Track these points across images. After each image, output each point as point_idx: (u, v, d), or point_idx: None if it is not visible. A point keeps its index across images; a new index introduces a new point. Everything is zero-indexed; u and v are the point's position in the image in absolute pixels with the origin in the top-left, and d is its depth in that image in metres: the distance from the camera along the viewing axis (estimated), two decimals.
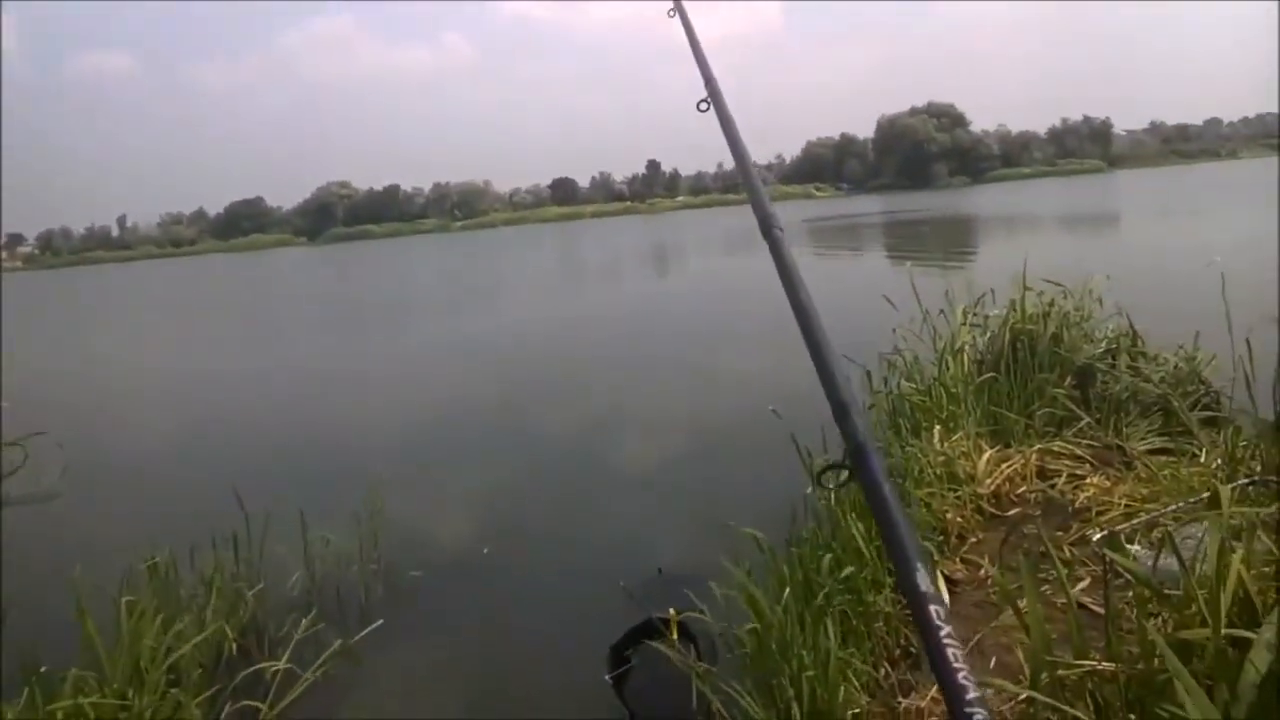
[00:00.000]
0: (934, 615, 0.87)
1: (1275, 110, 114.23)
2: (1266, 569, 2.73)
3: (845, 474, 1.14)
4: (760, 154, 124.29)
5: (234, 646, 4.23)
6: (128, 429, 11.01)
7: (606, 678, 3.48)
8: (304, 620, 4.23)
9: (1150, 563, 3.33)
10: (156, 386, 14.62)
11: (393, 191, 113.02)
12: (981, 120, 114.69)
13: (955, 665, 0.83)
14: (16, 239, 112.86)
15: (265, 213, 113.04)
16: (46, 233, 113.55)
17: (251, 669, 3.99)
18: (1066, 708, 2.36)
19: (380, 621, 4.38)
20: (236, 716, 3.63)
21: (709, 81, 2.17)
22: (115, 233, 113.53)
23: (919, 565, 0.92)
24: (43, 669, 3.13)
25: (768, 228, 1.58)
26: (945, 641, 0.85)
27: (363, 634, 4.25)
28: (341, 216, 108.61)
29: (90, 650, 3.29)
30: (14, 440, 8.97)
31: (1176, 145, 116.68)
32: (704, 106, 2.11)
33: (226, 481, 5.58)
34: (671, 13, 2.81)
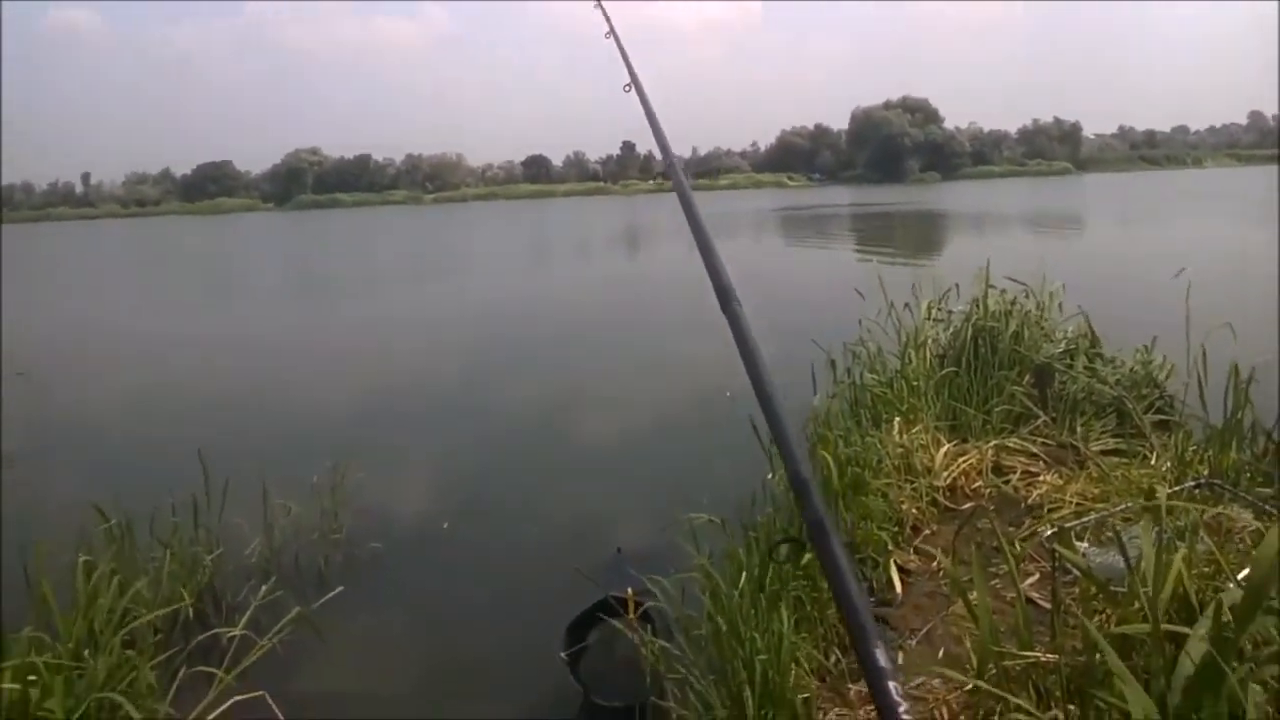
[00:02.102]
0: (893, 691, 0.90)
1: (1243, 121, 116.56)
2: (1207, 569, 2.83)
3: (795, 547, 1.19)
4: (735, 141, 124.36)
5: (191, 611, 4.21)
6: (88, 389, 10.83)
7: (561, 655, 3.51)
8: (262, 587, 4.23)
9: (1097, 559, 3.43)
10: (118, 348, 14.37)
11: (364, 161, 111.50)
12: (954, 117, 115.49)
13: None
14: None
15: (233, 176, 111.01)
16: (8, 186, 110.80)
17: (208, 634, 3.98)
18: (1010, 696, 2.43)
19: (340, 589, 4.38)
20: (192, 681, 3.62)
21: (665, 152, 2.21)
22: (79, 190, 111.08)
23: (878, 642, 0.95)
24: None
25: (726, 300, 1.56)
26: (903, 718, 0.88)
27: (321, 601, 4.24)
28: (310, 184, 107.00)
29: (45, 611, 3.26)
30: None
31: (1144, 151, 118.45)
32: (658, 179, 2.15)
33: (186, 446, 5.53)
34: (607, 35, 2.88)
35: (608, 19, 2.98)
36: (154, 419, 9.03)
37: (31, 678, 2.96)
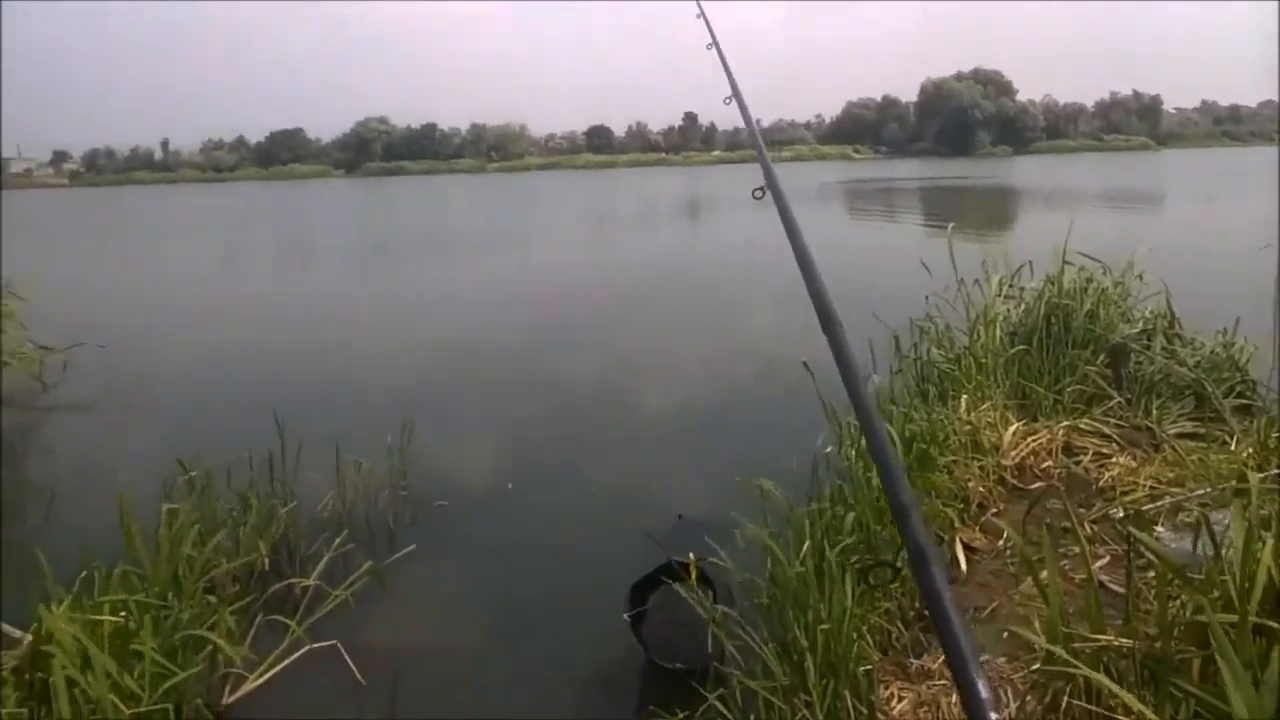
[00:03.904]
0: None
1: None
2: None
3: (895, 571, 1.19)
4: (800, 113, 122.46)
5: (266, 562, 4.36)
6: (169, 347, 11.20)
7: (625, 616, 3.56)
8: (335, 541, 4.37)
9: (1173, 545, 3.36)
10: (198, 307, 14.83)
11: (430, 130, 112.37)
12: (1029, 90, 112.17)
13: None
14: (62, 156, 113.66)
15: (304, 144, 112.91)
16: (92, 151, 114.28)
17: (282, 584, 4.13)
18: (1090, 672, 2.40)
19: (411, 547, 4.50)
20: (268, 628, 3.76)
21: (769, 180, 2.19)
22: (158, 155, 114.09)
23: (978, 675, 0.95)
24: (95, 564, 3.25)
25: (829, 323, 1.58)
26: None
27: (393, 558, 4.38)
28: (379, 152, 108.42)
29: (133, 554, 3.41)
30: (55, 349, 9.21)
31: (1227, 127, 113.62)
32: (759, 194, 2.16)
33: (263, 403, 5.72)
34: (709, 46, 2.90)
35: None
36: (232, 379, 9.31)
37: (124, 614, 3.11)
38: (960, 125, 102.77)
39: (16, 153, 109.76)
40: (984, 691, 0.93)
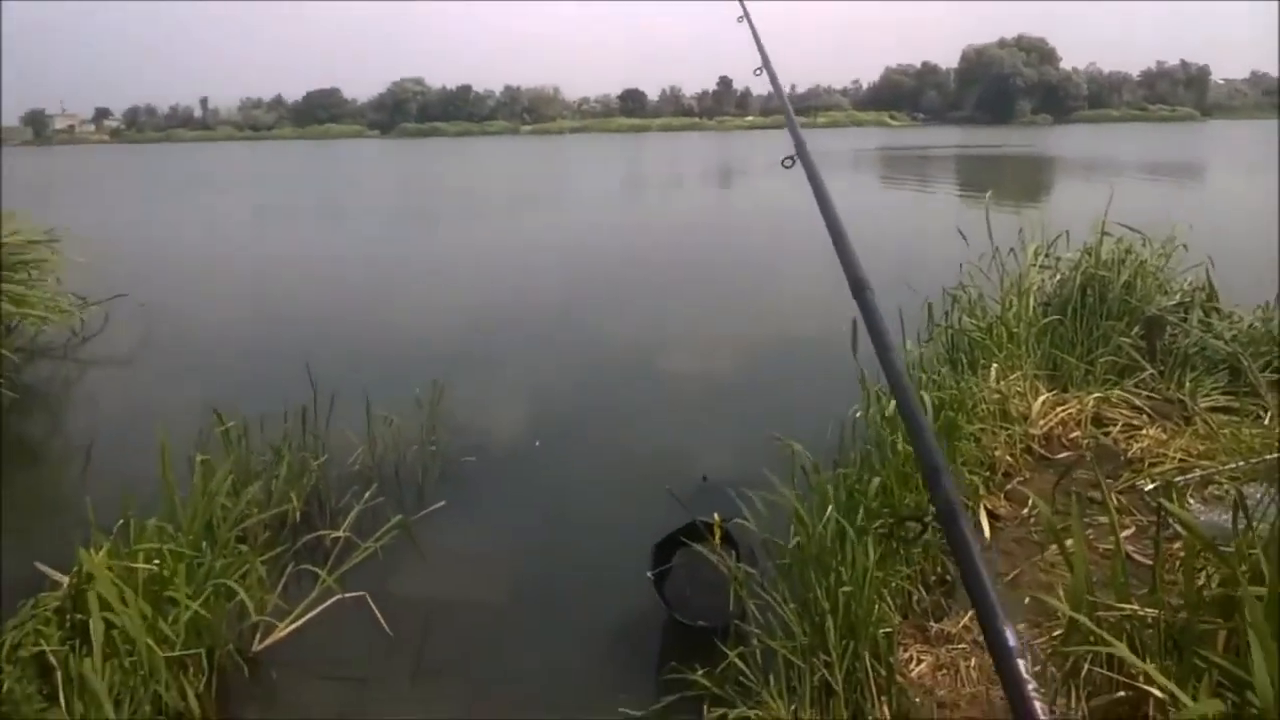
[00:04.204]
0: (1020, 669, 0.92)
1: None
2: None
3: (922, 528, 1.20)
4: (837, 79, 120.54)
5: (298, 514, 4.45)
6: (207, 302, 11.37)
7: (648, 574, 3.60)
8: (365, 494, 4.44)
9: (1202, 517, 3.33)
10: (234, 263, 15.04)
11: (464, 92, 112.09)
12: (1073, 58, 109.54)
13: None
14: (104, 113, 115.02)
15: (340, 104, 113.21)
16: (132, 109, 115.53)
17: (313, 535, 4.21)
18: (1111, 639, 2.40)
19: (441, 503, 4.56)
20: (298, 578, 3.85)
21: (799, 148, 2.12)
22: (197, 114, 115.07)
23: (1006, 624, 0.97)
24: (131, 513, 3.33)
25: (860, 289, 1.57)
26: (1032, 695, 0.90)
27: (422, 514, 4.44)
28: (414, 113, 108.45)
29: (169, 502, 3.48)
30: (94, 301, 9.36)
31: (1277, 99, 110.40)
32: (789, 164, 2.12)
33: (297, 357, 5.80)
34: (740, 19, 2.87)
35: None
36: (269, 334, 9.45)
37: (157, 562, 3.19)
38: (1001, 93, 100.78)
39: (61, 109, 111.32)
40: (1012, 640, 0.95)
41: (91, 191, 33.05)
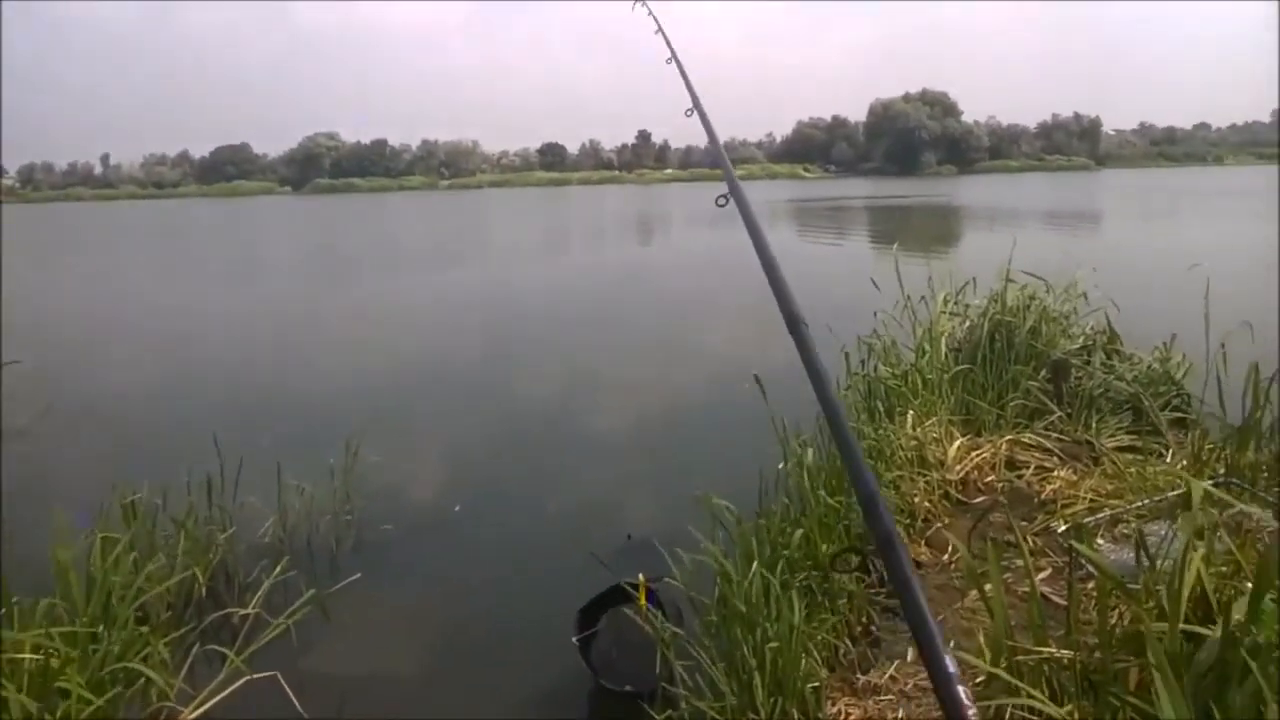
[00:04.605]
0: (962, 696, 0.94)
1: (1266, 119, 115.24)
2: (1224, 568, 2.80)
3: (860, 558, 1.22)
4: (751, 132, 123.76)
5: (204, 590, 4.24)
6: (103, 369, 10.91)
7: (573, 640, 3.52)
8: (276, 568, 4.26)
9: (1111, 556, 3.41)
10: (134, 328, 14.49)
11: (380, 146, 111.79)
12: (974, 111, 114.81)
13: None
14: None
15: (250, 159, 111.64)
16: (28, 166, 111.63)
17: (220, 613, 4.01)
18: (1026, 688, 2.42)
19: (356, 575, 4.39)
20: (205, 658, 3.65)
21: (733, 187, 2.17)
22: (98, 170, 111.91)
23: (946, 653, 0.98)
24: (15, 599, 3.12)
25: (795, 324, 1.58)
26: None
27: (337, 587, 4.26)
28: (328, 168, 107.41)
29: (63, 583, 3.29)
30: None
31: (1164, 148, 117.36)
32: (722, 202, 2.16)
33: (204, 424, 5.58)
34: (669, 60, 2.94)
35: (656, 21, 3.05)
36: (172, 399, 9.10)
37: (43, 652, 2.99)
38: (907, 145, 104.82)
39: None
40: (951, 666, 0.97)
41: None
